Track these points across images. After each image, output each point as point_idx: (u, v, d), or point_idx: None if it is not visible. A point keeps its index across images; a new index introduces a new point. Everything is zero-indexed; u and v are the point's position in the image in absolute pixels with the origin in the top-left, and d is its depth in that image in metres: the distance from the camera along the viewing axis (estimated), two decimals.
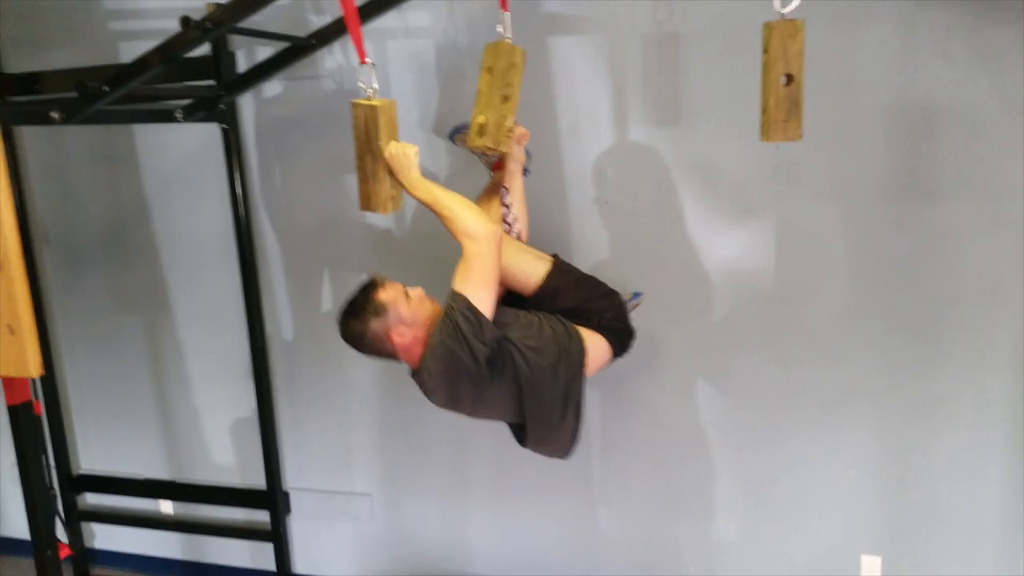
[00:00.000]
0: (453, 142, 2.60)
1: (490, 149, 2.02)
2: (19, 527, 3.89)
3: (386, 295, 1.99)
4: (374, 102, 1.95)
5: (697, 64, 2.47)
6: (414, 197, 1.99)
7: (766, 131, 1.90)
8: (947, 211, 2.38)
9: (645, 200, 2.62)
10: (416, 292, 2.05)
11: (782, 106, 1.87)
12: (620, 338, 2.25)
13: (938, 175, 2.37)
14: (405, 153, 1.95)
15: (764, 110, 1.89)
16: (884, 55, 2.33)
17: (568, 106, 2.61)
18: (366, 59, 1.91)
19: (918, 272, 2.45)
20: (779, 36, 1.84)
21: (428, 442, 3.10)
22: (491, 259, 1.92)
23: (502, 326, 2.01)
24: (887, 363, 2.54)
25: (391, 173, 1.98)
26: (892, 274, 2.47)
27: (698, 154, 2.53)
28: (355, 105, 1.97)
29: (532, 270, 2.18)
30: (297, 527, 3.39)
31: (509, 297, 2.27)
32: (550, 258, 2.23)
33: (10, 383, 1.92)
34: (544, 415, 2.10)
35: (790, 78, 1.85)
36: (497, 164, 2.46)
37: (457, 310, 1.90)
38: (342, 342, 3.07)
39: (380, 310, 1.98)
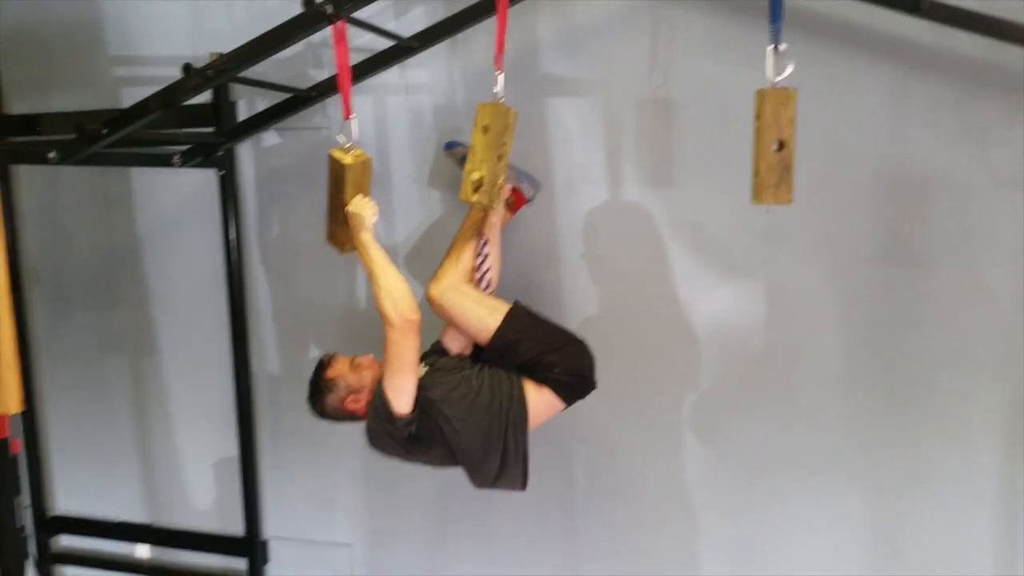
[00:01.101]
0: (447, 152, 2.67)
1: (482, 206, 2.08)
2: None
3: (333, 371, 2.24)
4: (346, 159, 2.08)
5: (690, 127, 2.52)
6: (360, 254, 2.18)
7: (757, 194, 1.93)
8: (935, 278, 2.42)
9: (636, 258, 2.64)
10: (364, 360, 2.27)
11: (774, 171, 1.91)
12: (572, 390, 2.31)
13: (927, 242, 2.41)
14: (360, 215, 2.15)
15: (756, 174, 1.92)
16: (873, 124, 2.39)
17: (563, 164, 2.64)
18: (350, 115, 2.07)
19: (906, 338, 2.47)
20: (772, 104, 1.88)
21: (412, 492, 3.06)
22: (405, 347, 2.09)
23: (432, 399, 2.18)
24: (875, 428, 2.54)
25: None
26: (880, 339, 2.50)
27: (690, 214, 2.57)
28: (331, 155, 2.14)
29: (484, 325, 2.29)
30: None
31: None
32: (505, 311, 2.30)
33: None
34: (481, 471, 2.27)
35: (782, 144, 1.89)
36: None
37: (377, 398, 2.15)
38: None
39: (330, 386, 2.23)
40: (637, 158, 2.58)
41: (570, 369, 2.29)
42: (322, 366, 2.27)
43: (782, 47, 1.83)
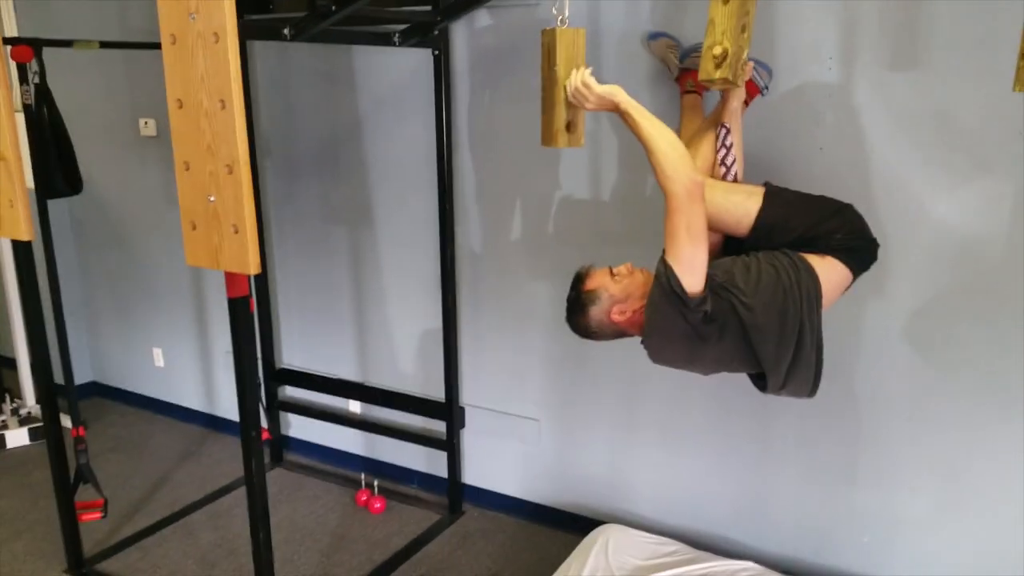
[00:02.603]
0: (682, 63, 2.54)
1: (727, 83, 1.92)
2: (228, 408, 4.34)
3: (593, 282, 2.07)
4: (558, 29, 1.96)
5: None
6: (625, 120, 1.95)
7: (1022, 80, 1.70)
8: None
9: (865, 148, 2.42)
10: (622, 269, 2.09)
11: None
12: (859, 255, 2.06)
13: None
14: (605, 87, 1.93)
15: (1021, 56, 1.69)
16: None
17: (788, 39, 2.44)
18: None
19: None
20: None
21: (600, 376, 3.12)
22: (695, 213, 1.86)
23: (716, 279, 1.96)
24: None
25: (595, 106, 1.97)
26: None
27: (934, 101, 2.29)
28: (543, 33, 1.99)
29: (743, 211, 2.06)
30: (469, 440, 3.55)
31: (728, 242, 2.20)
32: (762, 192, 2.10)
33: (232, 278, 2.08)
34: (777, 362, 2.00)
35: None
36: (699, 87, 2.38)
37: (662, 275, 1.91)
38: (525, 270, 3.15)
39: (593, 299, 2.06)
40: (877, 33, 2.32)
41: (854, 231, 2.06)
42: (580, 279, 2.10)
43: None
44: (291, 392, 4.05)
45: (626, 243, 2.86)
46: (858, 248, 2.05)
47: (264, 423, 3.99)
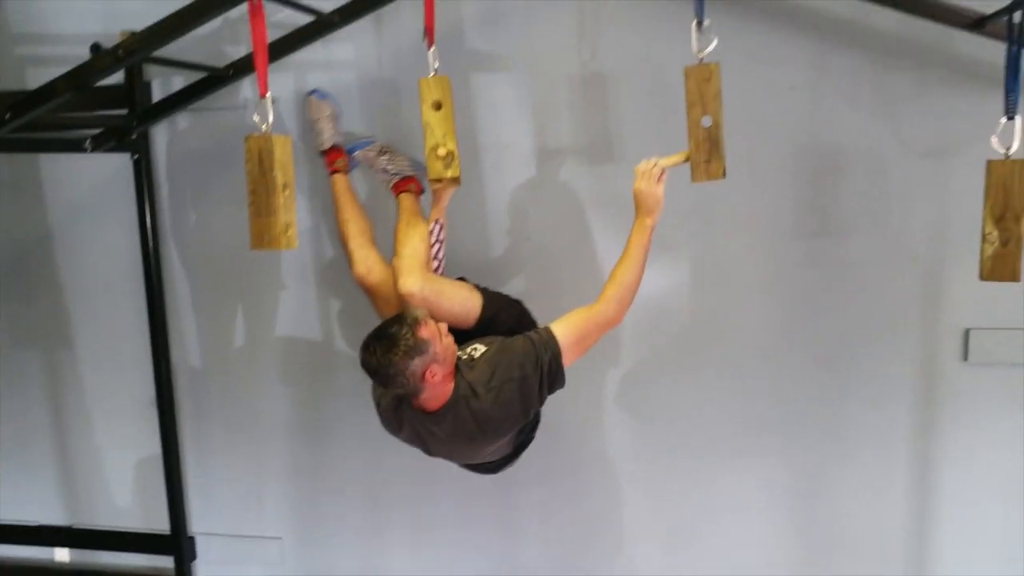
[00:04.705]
0: (353, 157, 2.59)
1: (455, 182, 2.05)
2: None
3: (428, 332, 1.91)
4: (271, 136, 1.90)
5: (622, 103, 2.53)
6: (640, 235, 2.10)
7: (693, 173, 1.97)
8: (852, 247, 2.50)
9: (566, 236, 2.65)
10: (444, 327, 2.01)
11: (703, 147, 1.95)
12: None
13: (845, 213, 2.49)
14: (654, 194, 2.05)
15: (696, 150, 1.95)
16: (794, 98, 2.45)
17: (492, 142, 2.63)
18: (266, 93, 1.82)
19: (826, 306, 2.55)
20: (695, 80, 1.91)
21: (341, 483, 3.03)
22: (600, 335, 2.09)
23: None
24: (797, 394, 2.62)
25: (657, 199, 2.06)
26: (801, 308, 2.57)
27: (620, 191, 2.54)
28: (249, 139, 1.90)
29: (471, 306, 2.26)
30: (203, 573, 3.23)
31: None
32: (473, 286, 2.31)
33: None
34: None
35: (710, 119, 1.92)
36: (399, 185, 2.51)
37: (559, 375, 2.03)
38: (251, 380, 3.00)
39: (423, 349, 1.89)
40: (568, 135, 2.58)
41: (533, 322, 2.37)
42: (416, 323, 1.91)
43: (705, 22, 1.85)
44: None
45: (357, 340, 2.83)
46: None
47: None
